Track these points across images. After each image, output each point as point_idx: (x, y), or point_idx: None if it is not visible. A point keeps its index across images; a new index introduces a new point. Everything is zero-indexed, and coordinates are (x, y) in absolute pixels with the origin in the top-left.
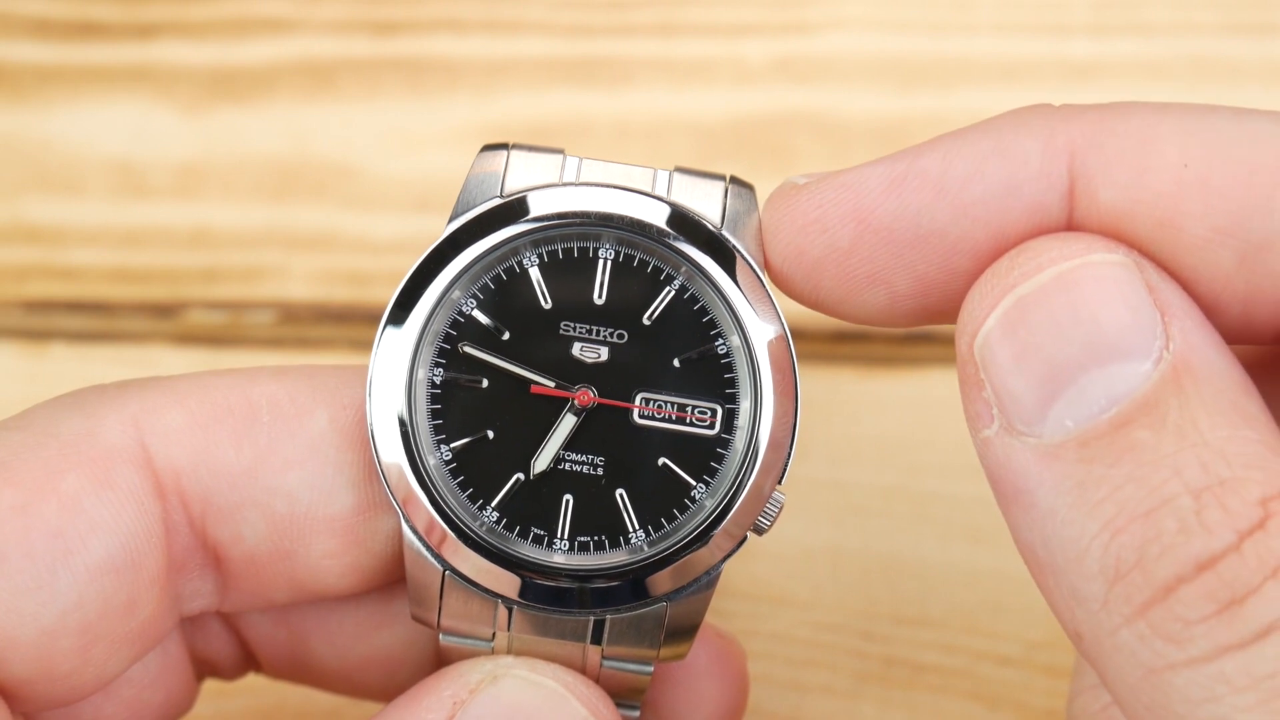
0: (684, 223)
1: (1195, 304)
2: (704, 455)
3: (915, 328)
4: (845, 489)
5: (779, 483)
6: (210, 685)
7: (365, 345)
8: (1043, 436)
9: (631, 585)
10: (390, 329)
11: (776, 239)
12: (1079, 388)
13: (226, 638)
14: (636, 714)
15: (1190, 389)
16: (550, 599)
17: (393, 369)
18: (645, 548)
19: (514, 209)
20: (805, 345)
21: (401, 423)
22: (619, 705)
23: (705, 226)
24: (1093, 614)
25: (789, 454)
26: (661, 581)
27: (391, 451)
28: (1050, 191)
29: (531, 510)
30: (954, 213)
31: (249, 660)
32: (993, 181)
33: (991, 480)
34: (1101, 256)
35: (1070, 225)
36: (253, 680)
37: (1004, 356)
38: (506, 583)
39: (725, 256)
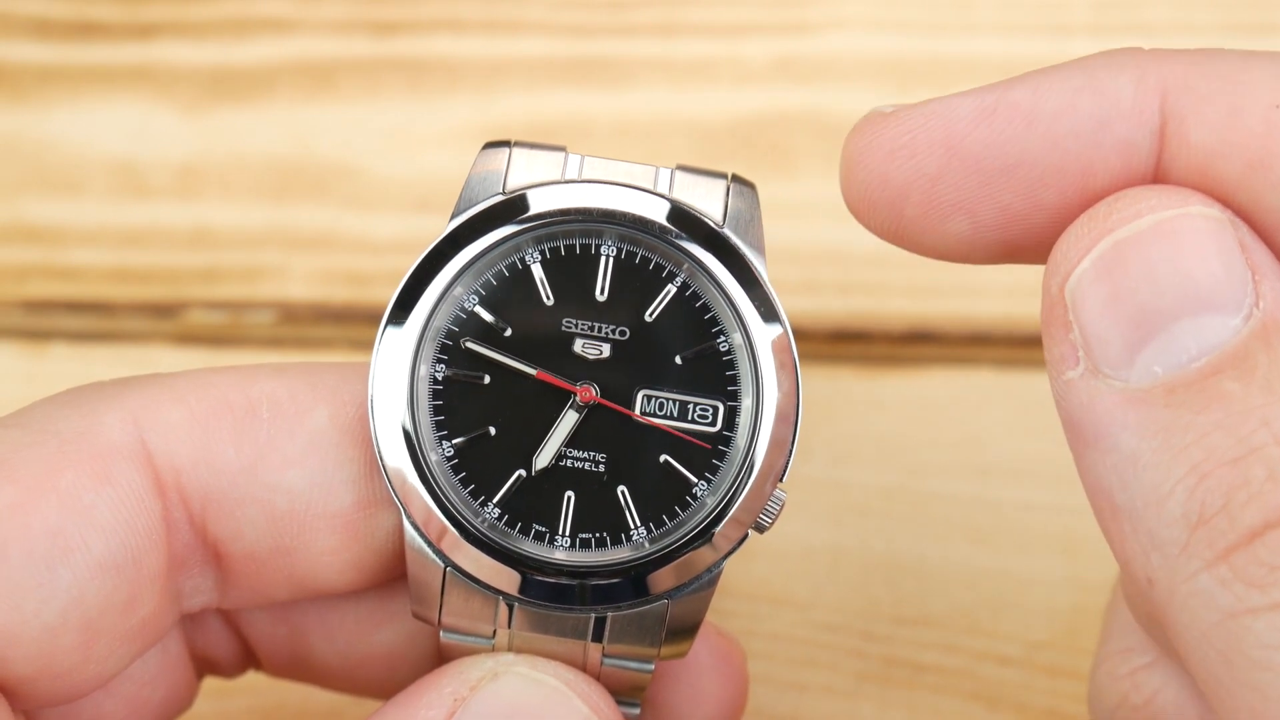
0: (685, 220)
1: None
2: (705, 453)
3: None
4: (845, 489)
5: (780, 480)
6: (211, 685)
7: (365, 345)
8: (1130, 381)
9: (632, 583)
10: (392, 325)
11: (862, 164)
12: (1169, 335)
13: (226, 635)
14: (637, 711)
15: (1279, 347)
16: (551, 596)
17: (395, 365)
18: (646, 545)
19: (516, 206)
20: (805, 345)
21: (403, 419)
22: (619, 703)
23: (707, 224)
24: (1170, 559)
25: (790, 451)
26: (663, 579)
27: (393, 448)
28: (1141, 129)
29: (533, 507)
30: (1044, 145)
31: (249, 658)
32: (1084, 116)
33: (1070, 423)
34: (1200, 209)
35: (1160, 165)
36: (253, 680)
37: (1096, 299)
38: (507, 579)
39: (727, 253)
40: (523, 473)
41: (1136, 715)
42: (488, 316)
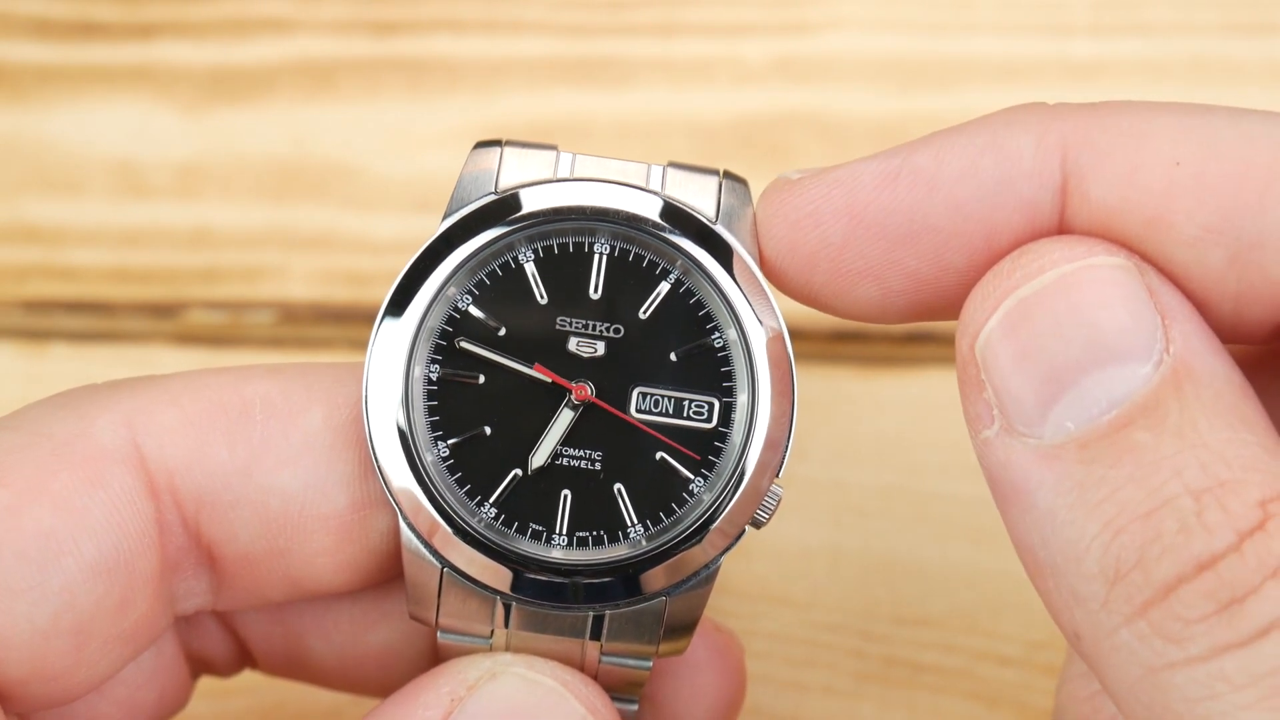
0: (678, 217)
1: (1194, 308)
2: (701, 449)
3: (910, 324)
4: (845, 489)
5: (777, 476)
6: (210, 686)
7: (365, 345)
8: (1043, 437)
9: (630, 580)
10: (386, 326)
11: (770, 233)
12: (1080, 389)
13: (222, 636)
14: (635, 708)
15: (1190, 392)
16: (549, 595)
17: (389, 365)
18: (644, 542)
19: (508, 205)
20: (805, 345)
21: (398, 420)
22: (617, 700)
23: (700, 220)
24: (1092, 614)
25: (786, 447)
26: (660, 576)
27: (389, 448)
28: (1043, 188)
29: (530, 506)
30: (947, 209)
31: (245, 658)
32: (986, 178)
33: (990, 481)
34: (1103, 259)
35: (1062, 222)
36: (252, 680)
37: (1005, 357)
38: (505, 579)
39: (720, 250)
40: (519, 472)
41: None
42: (482, 316)
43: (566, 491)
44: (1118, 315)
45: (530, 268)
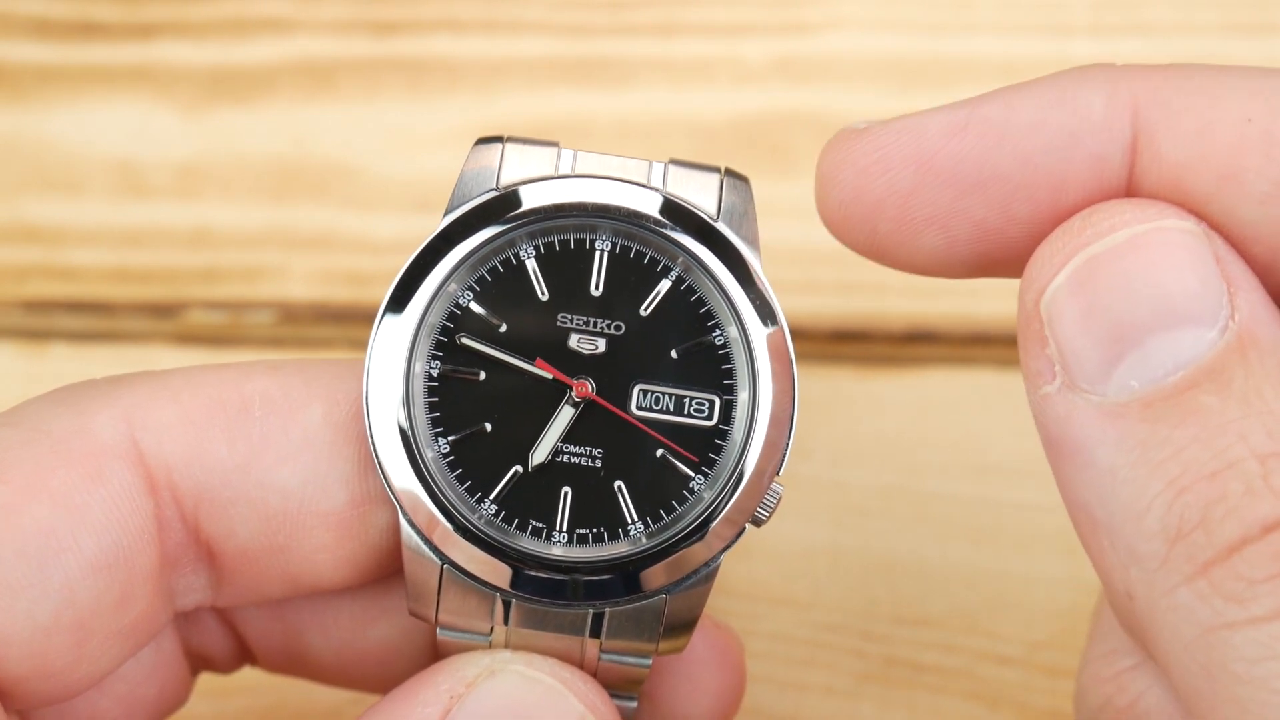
0: (679, 214)
1: (1258, 279)
2: (702, 446)
3: (967, 278)
4: (845, 489)
5: (777, 474)
6: (210, 685)
7: (365, 345)
8: (1107, 395)
9: (630, 578)
10: (387, 322)
11: (837, 180)
12: (1145, 350)
13: (221, 632)
14: (634, 706)
15: (1254, 359)
16: (549, 592)
17: (390, 362)
18: (644, 540)
19: (509, 201)
20: (805, 345)
21: (399, 416)
22: (617, 697)
23: (701, 217)
24: (1149, 573)
25: (787, 444)
26: (660, 574)
27: (389, 445)
28: (1113, 143)
29: (530, 502)
30: (1015, 160)
31: (244, 654)
32: (1055, 130)
33: (1048, 438)
34: (1174, 223)
35: (1132, 178)
36: (252, 679)
37: (1071, 314)
38: (504, 575)
39: (722, 247)
40: (519, 469)
41: (1121, 717)
42: (483, 312)
43: (567, 488)
44: (1186, 279)
45: (531, 264)
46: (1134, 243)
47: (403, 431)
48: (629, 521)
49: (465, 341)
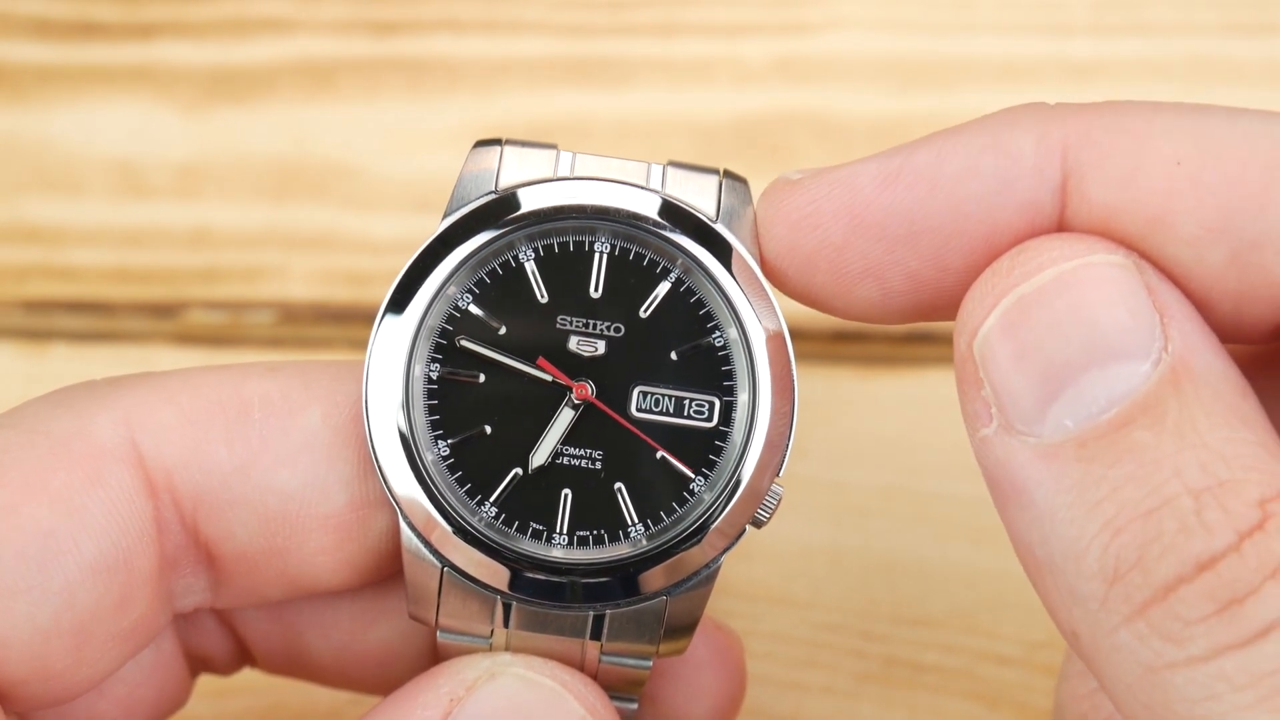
0: (679, 215)
1: (1193, 307)
2: (702, 448)
3: (910, 324)
4: (845, 489)
5: (777, 475)
6: (210, 685)
7: (365, 345)
8: (1042, 436)
9: (630, 579)
10: (386, 324)
11: (770, 233)
12: (1078, 388)
13: (221, 634)
14: (634, 707)
15: (1189, 390)
16: (549, 594)
17: (389, 364)
18: (644, 541)
19: (508, 204)
20: (805, 345)
21: (398, 419)
22: (617, 699)
23: (700, 219)
24: (1091, 613)
25: (787, 445)
26: (660, 575)
27: (389, 448)
28: (1043, 188)
29: (530, 505)
30: (947, 209)
31: (244, 656)
32: (986, 178)
33: (989, 480)
34: (1102, 257)
35: (1062, 222)
36: (252, 680)
37: (1003, 355)
38: (505, 578)
39: (721, 249)
40: (519, 471)
41: None
42: (482, 315)
43: (567, 491)
44: (1116, 313)
45: (530, 266)
46: (1062, 280)
47: (402, 434)
48: (629, 523)
49: (465, 344)
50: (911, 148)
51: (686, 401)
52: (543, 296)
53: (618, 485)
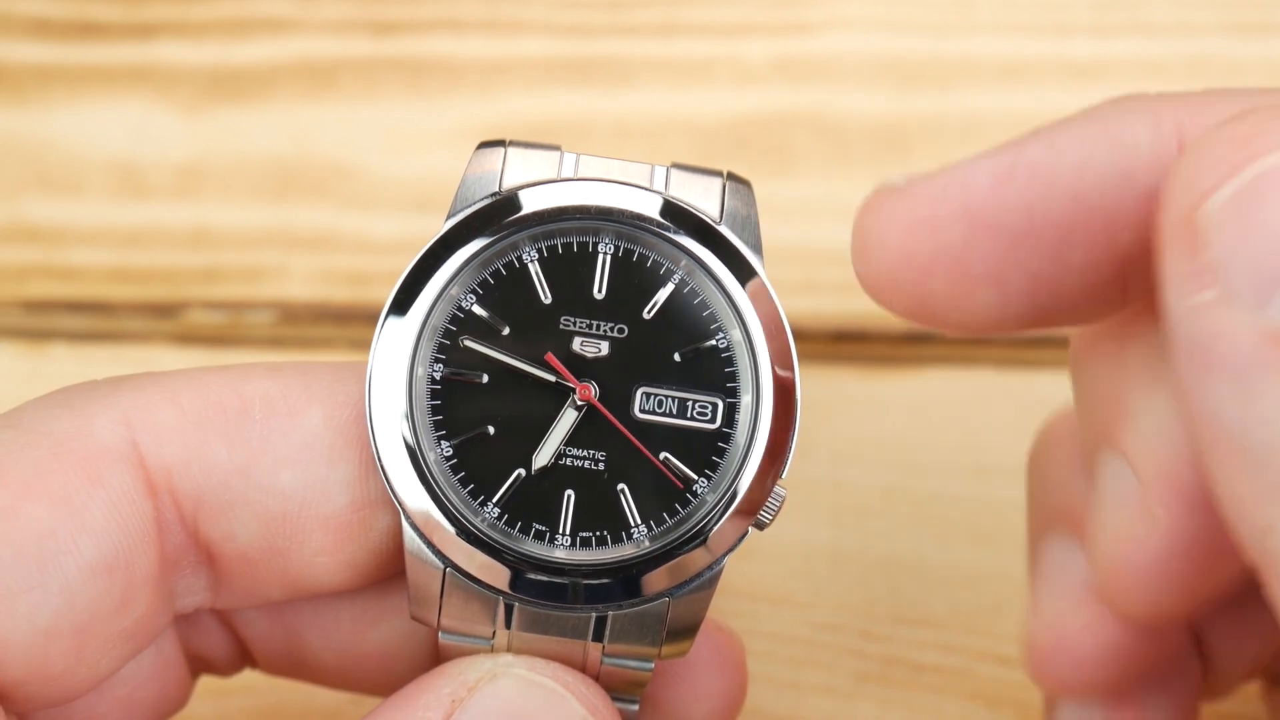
0: (682, 217)
1: None
2: (705, 450)
3: (1021, 332)
4: (845, 489)
5: (780, 477)
6: (211, 686)
7: (366, 345)
8: (1273, 320)
9: (632, 581)
10: (389, 325)
11: (881, 243)
12: None
13: (221, 634)
14: (636, 708)
15: None
16: (551, 595)
17: (392, 365)
18: (647, 543)
19: (512, 205)
20: (805, 345)
21: (401, 420)
22: (618, 699)
23: (704, 221)
24: None
25: (790, 448)
26: (663, 577)
27: (391, 449)
28: (1163, 175)
29: (533, 506)
30: (1067, 202)
31: (244, 656)
32: (1104, 170)
33: (1191, 349)
34: None
35: None
36: (253, 680)
37: (1239, 228)
38: (507, 579)
39: (725, 251)
40: (522, 472)
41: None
42: (485, 315)
43: (570, 492)
44: None
45: (534, 267)
46: None
47: (405, 435)
48: (632, 525)
49: (468, 344)
50: (1021, 143)
51: (690, 403)
52: (546, 297)
53: (621, 486)
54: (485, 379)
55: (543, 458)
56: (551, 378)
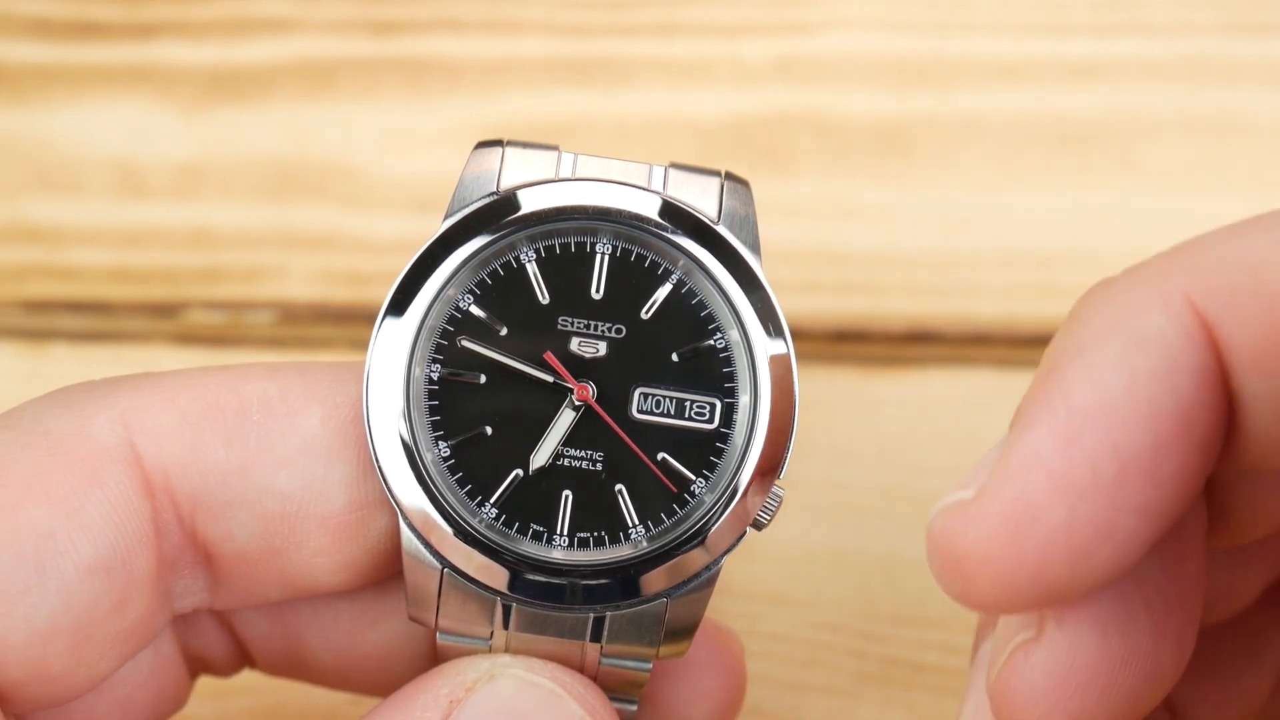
0: (680, 217)
1: None
2: (703, 450)
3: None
4: (845, 489)
5: (778, 477)
6: (211, 686)
7: (365, 345)
8: None
9: (630, 581)
10: (387, 325)
11: (982, 557)
12: None
13: (220, 635)
14: (634, 709)
15: None
16: (549, 596)
17: (390, 365)
18: (645, 543)
19: (510, 205)
20: (805, 345)
21: (399, 420)
22: (617, 700)
23: (702, 221)
24: None
25: (788, 447)
26: (661, 578)
27: (389, 449)
28: (1199, 350)
29: (531, 506)
30: (1142, 430)
31: (243, 657)
32: (1149, 376)
33: None
34: None
35: (1224, 360)
36: (252, 680)
37: None
38: (504, 579)
39: (723, 250)
40: (520, 472)
41: None
42: (483, 316)
43: (567, 492)
44: None
45: (532, 268)
46: None
47: (403, 435)
48: (630, 525)
49: (466, 345)
50: (1056, 397)
51: (688, 403)
52: (544, 297)
53: (618, 487)
54: (483, 379)
55: (540, 458)
56: (549, 378)
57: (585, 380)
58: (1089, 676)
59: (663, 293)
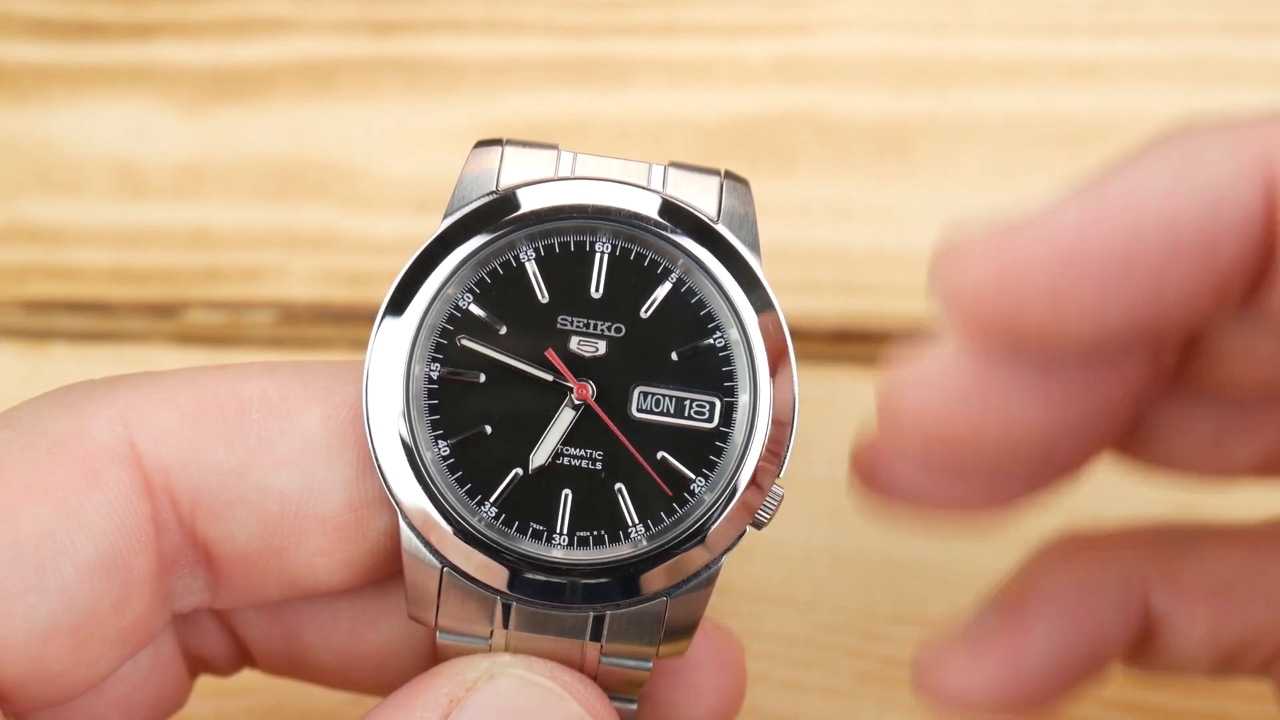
0: (680, 216)
1: None
2: (703, 449)
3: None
4: (845, 489)
5: (778, 476)
6: (211, 685)
7: (365, 345)
8: None
9: (630, 580)
10: (387, 324)
11: (977, 281)
12: None
13: (220, 634)
14: (634, 708)
15: None
16: (549, 595)
17: (389, 364)
18: (645, 542)
19: (509, 204)
20: (805, 345)
21: (398, 419)
22: (616, 699)
23: (701, 219)
24: None
25: (788, 447)
26: (661, 576)
27: (389, 448)
28: (1250, 198)
29: (530, 505)
30: (1160, 242)
31: (243, 656)
32: (1192, 200)
33: None
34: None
35: (1274, 226)
36: (253, 680)
37: None
38: (504, 578)
39: (722, 249)
40: (519, 471)
41: None
42: (482, 315)
43: (567, 491)
44: None
45: (531, 267)
46: None
47: (402, 434)
48: (629, 524)
49: (465, 344)
50: (1102, 183)
51: (687, 402)
52: (543, 296)
53: (618, 486)
54: (483, 378)
55: (540, 457)
56: (549, 376)
57: (585, 379)
58: (971, 388)
59: (662, 292)
